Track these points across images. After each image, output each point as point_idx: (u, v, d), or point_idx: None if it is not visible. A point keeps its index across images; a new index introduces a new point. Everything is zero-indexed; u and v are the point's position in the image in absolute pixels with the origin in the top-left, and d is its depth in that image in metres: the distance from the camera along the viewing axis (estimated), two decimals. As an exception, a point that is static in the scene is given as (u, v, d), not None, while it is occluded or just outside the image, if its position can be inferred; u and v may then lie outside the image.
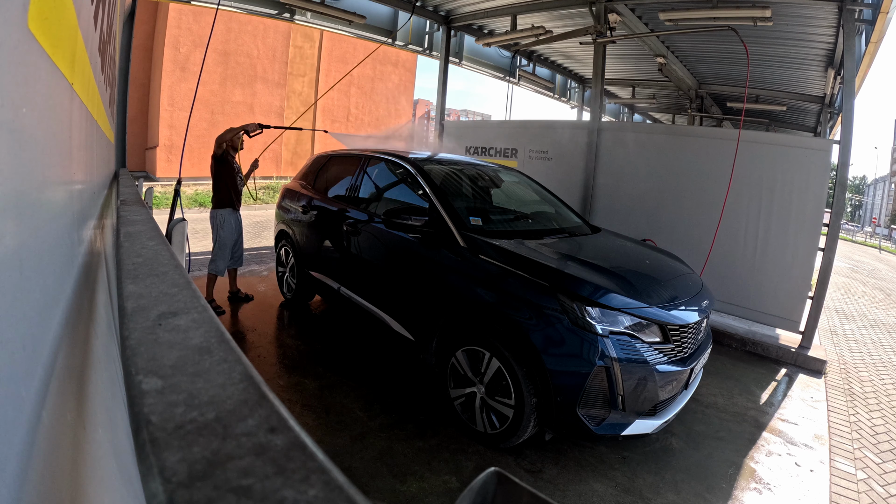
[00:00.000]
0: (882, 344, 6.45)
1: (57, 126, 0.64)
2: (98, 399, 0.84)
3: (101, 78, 1.41)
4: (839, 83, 6.71)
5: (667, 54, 7.85)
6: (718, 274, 5.28)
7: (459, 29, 8.33)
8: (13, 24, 0.39)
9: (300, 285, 4.81)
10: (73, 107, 0.79)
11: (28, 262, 0.46)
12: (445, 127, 8.41)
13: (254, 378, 0.39)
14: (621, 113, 15.57)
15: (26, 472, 0.40)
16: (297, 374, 3.58)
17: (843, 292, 10.33)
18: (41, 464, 0.44)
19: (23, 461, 0.39)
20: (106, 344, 1.08)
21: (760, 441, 3.34)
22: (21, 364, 0.42)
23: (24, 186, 0.46)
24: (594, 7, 6.04)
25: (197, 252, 7.31)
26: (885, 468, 3.25)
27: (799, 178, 4.95)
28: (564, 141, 6.72)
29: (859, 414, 4.04)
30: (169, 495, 0.26)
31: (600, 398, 2.53)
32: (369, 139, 8.04)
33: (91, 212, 1.20)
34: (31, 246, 0.48)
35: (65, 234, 0.71)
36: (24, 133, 0.44)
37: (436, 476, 2.59)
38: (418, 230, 3.27)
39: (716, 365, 4.54)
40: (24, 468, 0.40)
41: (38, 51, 0.49)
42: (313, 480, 0.27)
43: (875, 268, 17.30)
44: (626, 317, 2.60)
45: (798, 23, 5.91)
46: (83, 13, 0.84)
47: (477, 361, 2.88)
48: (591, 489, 2.62)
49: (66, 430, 0.58)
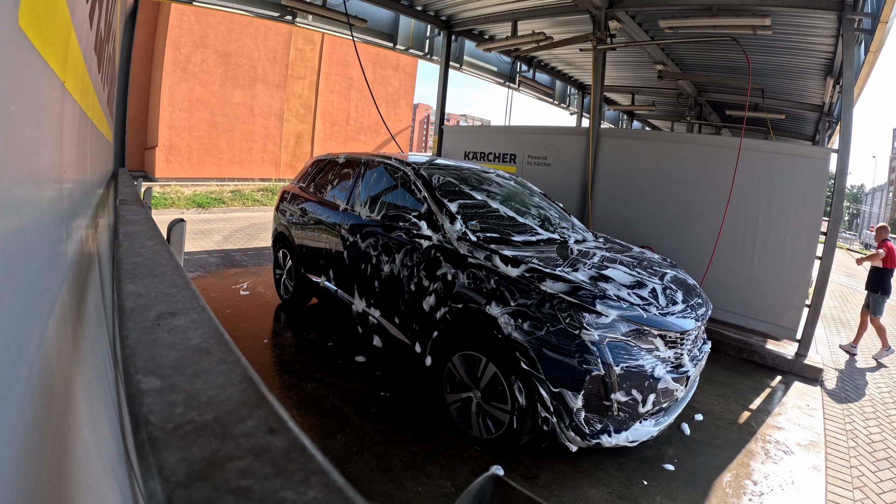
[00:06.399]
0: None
1: (47, 124, 0.63)
2: (85, 400, 0.83)
3: (97, 77, 1.41)
4: (838, 92, 6.74)
5: (667, 62, 7.89)
6: (716, 281, 5.29)
7: (460, 34, 8.36)
8: (3, 21, 0.39)
9: (297, 288, 4.80)
10: (65, 105, 0.79)
11: (14, 259, 0.45)
12: (444, 131, 8.42)
13: (253, 379, 0.39)
14: (620, 119, 15.63)
15: (10, 473, 0.40)
16: (292, 377, 3.57)
17: (839, 300, 10.35)
18: (25, 464, 0.44)
19: (6, 462, 0.39)
20: (94, 344, 1.08)
21: (756, 448, 3.34)
22: (5, 363, 0.42)
23: (12, 183, 0.46)
24: (595, 14, 6.06)
25: (196, 251, 7.31)
26: (881, 476, 3.25)
27: (797, 186, 4.97)
28: (563, 147, 6.74)
29: (855, 422, 4.04)
30: (168, 495, 0.26)
31: (596, 404, 2.52)
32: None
33: (83, 211, 1.20)
34: (18, 243, 0.47)
35: (53, 232, 0.71)
36: (13, 130, 0.44)
37: (431, 480, 2.58)
38: (415, 234, 3.27)
39: (712, 372, 4.54)
40: (8, 469, 0.39)
41: (29, 48, 0.49)
42: (312, 482, 0.27)
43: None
44: (623, 323, 2.60)
45: (797, 32, 5.95)
46: (77, 11, 0.84)
47: (473, 366, 2.88)
48: (587, 495, 2.61)
49: (51, 431, 0.58)
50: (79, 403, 0.76)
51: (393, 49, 8.49)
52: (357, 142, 19.67)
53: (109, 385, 1.06)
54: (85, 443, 0.73)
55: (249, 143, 16.74)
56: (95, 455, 0.76)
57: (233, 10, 6.70)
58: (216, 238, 8.91)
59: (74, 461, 0.65)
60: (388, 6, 7.41)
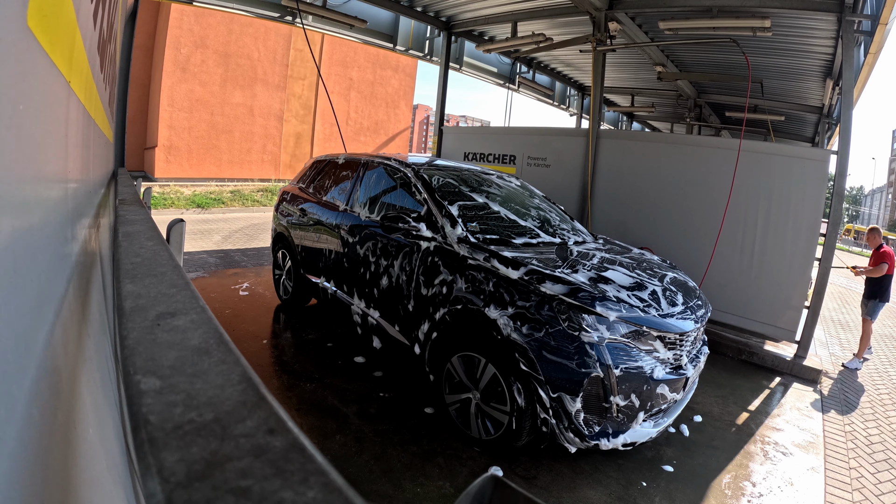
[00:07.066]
0: (878, 353, 6.46)
1: (53, 123, 0.64)
2: (89, 399, 0.83)
3: (100, 77, 1.41)
4: (837, 94, 6.76)
5: (666, 63, 7.90)
6: (716, 283, 5.29)
7: (460, 35, 8.37)
8: (12, 21, 0.39)
9: (297, 288, 4.79)
10: (70, 105, 0.79)
11: (22, 259, 0.45)
12: (444, 132, 8.43)
13: (252, 379, 0.39)
14: (620, 121, 15.64)
15: (18, 471, 0.40)
16: (291, 377, 3.57)
17: (838, 302, 10.35)
18: (32, 463, 0.44)
19: (14, 460, 0.39)
20: (98, 343, 1.08)
21: (755, 450, 3.34)
22: (14, 362, 0.42)
23: (20, 183, 0.46)
24: (594, 15, 6.07)
25: (195, 252, 7.30)
26: (880, 478, 3.25)
27: (796, 188, 4.97)
28: (563, 148, 6.74)
29: (854, 423, 4.04)
30: (167, 495, 0.26)
31: (596, 406, 2.52)
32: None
33: (86, 210, 1.20)
34: (26, 243, 0.47)
35: (59, 232, 0.71)
36: (21, 130, 0.44)
37: (430, 481, 2.58)
38: (415, 235, 3.27)
39: (711, 373, 4.54)
40: (16, 467, 0.39)
41: (37, 48, 0.49)
42: (312, 482, 0.27)
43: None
44: (623, 324, 2.60)
45: (797, 34, 5.96)
46: (82, 11, 0.84)
47: (472, 367, 2.88)
48: (586, 496, 2.61)
49: (58, 430, 0.58)
50: (84, 403, 0.76)
51: (393, 50, 8.49)
52: (357, 142, 19.67)
53: (112, 385, 1.06)
54: (90, 442, 0.73)
55: (249, 143, 16.73)
56: (100, 454, 0.76)
57: (233, 10, 6.70)
58: (215, 238, 8.90)
59: (79, 460, 0.65)
60: (389, 7, 7.41)
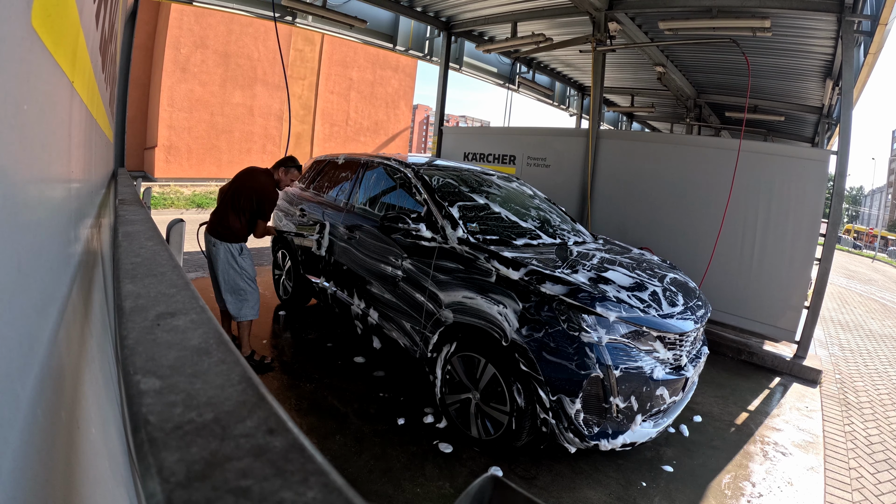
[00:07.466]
0: (877, 354, 6.47)
1: (57, 124, 0.64)
2: (92, 399, 0.83)
3: (101, 77, 1.41)
4: (837, 94, 6.75)
5: (666, 63, 7.90)
6: (715, 283, 5.29)
7: (460, 35, 8.37)
8: (17, 21, 0.39)
9: (296, 288, 4.79)
10: (73, 105, 0.79)
11: (26, 259, 0.45)
12: (444, 132, 8.42)
13: (252, 380, 0.39)
14: (620, 121, 15.64)
15: (22, 470, 0.40)
16: (290, 377, 3.57)
17: (838, 302, 10.36)
18: (36, 462, 0.44)
19: (18, 459, 0.39)
20: (101, 343, 1.08)
21: (755, 450, 3.34)
22: (18, 361, 0.42)
23: (24, 183, 0.46)
24: (594, 16, 6.07)
25: (195, 252, 7.29)
26: (880, 478, 3.25)
27: (796, 188, 4.97)
28: (563, 148, 6.74)
29: (854, 423, 4.04)
30: (167, 495, 0.26)
31: (595, 406, 2.52)
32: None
33: (89, 210, 1.20)
34: (29, 243, 0.47)
35: (62, 231, 0.71)
36: (25, 130, 0.44)
37: (430, 481, 2.58)
38: (415, 235, 3.27)
39: (711, 374, 4.54)
40: (20, 466, 0.39)
41: (41, 48, 0.49)
42: (312, 482, 0.27)
43: (871, 278, 17.35)
44: (623, 325, 2.60)
45: (797, 34, 5.96)
46: (85, 11, 0.84)
47: (472, 368, 2.88)
48: (586, 496, 2.61)
49: (61, 429, 0.58)
50: (86, 402, 0.77)
51: (393, 50, 8.49)
52: (356, 142, 19.66)
53: (114, 384, 1.06)
54: (92, 442, 0.73)
55: (249, 143, 16.72)
56: (103, 454, 0.76)
57: (233, 10, 6.70)
58: (215, 238, 8.87)
59: (82, 460, 0.65)
60: (389, 7, 7.41)
